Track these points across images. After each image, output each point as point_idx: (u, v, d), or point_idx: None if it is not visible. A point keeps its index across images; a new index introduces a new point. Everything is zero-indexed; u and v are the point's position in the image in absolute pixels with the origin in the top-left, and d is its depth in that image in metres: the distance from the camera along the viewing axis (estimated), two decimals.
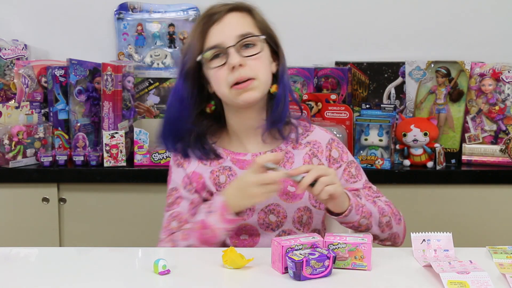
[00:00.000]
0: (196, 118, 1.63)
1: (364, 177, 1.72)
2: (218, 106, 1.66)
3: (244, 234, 1.61)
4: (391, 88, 2.67)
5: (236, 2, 1.61)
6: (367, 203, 1.57)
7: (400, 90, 2.65)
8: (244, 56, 1.56)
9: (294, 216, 1.62)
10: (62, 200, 2.43)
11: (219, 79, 1.57)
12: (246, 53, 1.56)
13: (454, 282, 1.27)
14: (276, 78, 1.64)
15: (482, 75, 2.52)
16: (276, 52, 1.64)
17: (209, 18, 1.57)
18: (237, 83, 1.56)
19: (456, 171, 2.47)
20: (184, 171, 1.65)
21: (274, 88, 1.63)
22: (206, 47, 1.57)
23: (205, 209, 1.55)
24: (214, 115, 1.67)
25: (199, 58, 1.57)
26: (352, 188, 1.67)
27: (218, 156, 1.64)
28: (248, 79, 1.56)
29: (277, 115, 1.62)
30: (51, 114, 2.54)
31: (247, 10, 1.61)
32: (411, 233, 1.48)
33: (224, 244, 1.61)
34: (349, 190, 1.62)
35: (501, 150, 2.46)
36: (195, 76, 1.60)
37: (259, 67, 1.58)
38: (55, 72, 2.51)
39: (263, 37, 1.59)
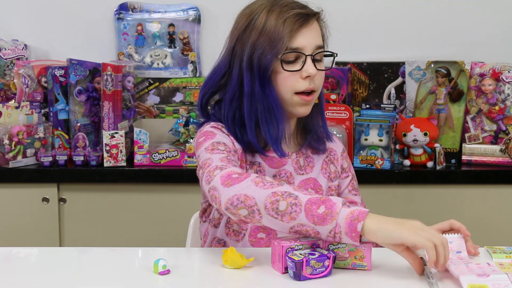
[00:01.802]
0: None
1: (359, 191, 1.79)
2: None
3: (262, 232, 1.60)
4: (391, 88, 2.67)
5: (319, 9, 1.60)
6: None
7: (400, 90, 2.65)
8: (317, 68, 1.55)
9: None
10: (62, 200, 2.43)
11: (289, 83, 1.54)
12: (318, 66, 1.55)
13: (474, 286, 1.25)
14: None
15: (482, 75, 2.52)
16: None
17: (302, 18, 1.53)
18: (303, 92, 1.55)
19: (456, 171, 2.47)
20: (231, 141, 1.55)
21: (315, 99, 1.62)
22: (289, 47, 1.52)
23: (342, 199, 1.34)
24: None
25: (280, 55, 1.51)
26: (352, 200, 1.72)
27: (264, 148, 1.59)
28: (313, 91, 1.56)
29: (316, 124, 1.65)
30: (51, 114, 2.54)
31: (322, 21, 1.61)
32: None
33: (224, 244, 1.62)
34: (348, 202, 1.63)
35: (501, 150, 2.46)
36: (267, 69, 1.53)
37: (321, 81, 1.58)
38: (55, 72, 2.51)
39: (336, 54, 1.60)
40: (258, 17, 1.53)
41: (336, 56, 1.60)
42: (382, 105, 2.49)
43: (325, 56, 1.60)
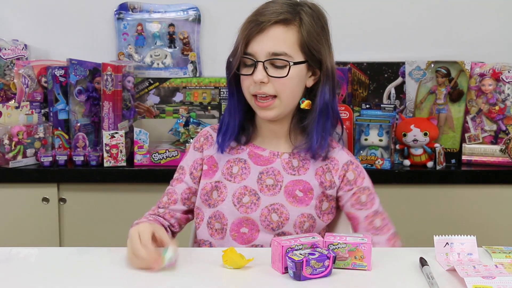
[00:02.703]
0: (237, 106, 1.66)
1: (374, 207, 1.68)
2: None
3: (244, 226, 1.62)
4: (391, 88, 2.67)
5: (289, 12, 1.57)
6: None
7: (400, 90, 2.65)
8: (270, 75, 1.56)
9: (296, 220, 1.61)
10: (62, 200, 2.43)
11: (244, 85, 1.60)
12: (272, 73, 1.56)
13: (479, 287, 1.25)
14: (309, 92, 1.63)
15: (482, 75, 2.52)
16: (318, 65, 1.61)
17: (257, 24, 1.55)
18: (256, 96, 1.58)
19: (456, 171, 2.47)
20: (201, 154, 1.70)
21: (305, 105, 1.61)
22: (245, 52, 1.57)
23: (136, 220, 1.66)
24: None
25: (231, 59, 1.60)
26: (353, 216, 1.67)
27: (248, 140, 1.67)
28: (268, 96, 1.57)
29: (309, 127, 1.62)
30: (51, 114, 2.54)
31: (298, 23, 1.57)
32: (434, 236, 1.46)
33: (210, 245, 1.64)
34: (350, 217, 1.66)
35: (501, 150, 2.46)
36: (230, 71, 1.63)
37: (283, 87, 1.57)
38: (55, 72, 2.51)
39: (292, 63, 1.56)
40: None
41: (292, 65, 1.55)
42: (382, 105, 2.49)
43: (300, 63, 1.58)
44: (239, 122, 1.65)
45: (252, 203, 1.62)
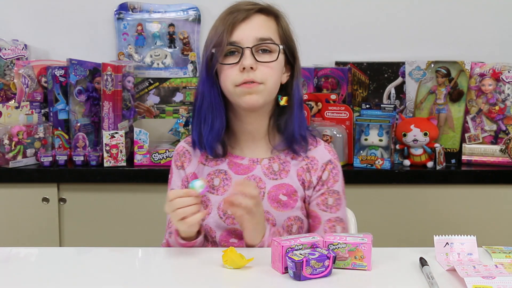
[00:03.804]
0: (214, 107, 1.62)
1: (339, 213, 1.65)
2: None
3: (233, 237, 1.61)
4: (391, 88, 2.67)
5: (266, 4, 1.61)
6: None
7: (400, 90, 2.65)
8: (258, 60, 1.56)
9: (284, 225, 1.60)
10: (62, 200, 2.43)
11: (228, 76, 1.57)
12: (260, 58, 1.56)
13: (479, 287, 1.25)
14: (285, 89, 1.64)
15: (482, 75, 2.52)
16: (291, 63, 1.64)
17: (238, 14, 1.57)
18: (244, 84, 1.56)
19: (456, 171, 2.47)
20: (184, 172, 1.68)
21: (284, 101, 1.63)
22: (227, 41, 1.56)
23: (168, 229, 1.62)
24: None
25: (213, 50, 1.57)
26: (316, 215, 1.64)
27: (225, 153, 1.65)
28: (254, 82, 1.56)
29: (287, 125, 1.62)
30: (51, 114, 2.54)
31: (275, 15, 1.61)
32: (434, 236, 1.46)
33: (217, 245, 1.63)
34: (311, 216, 1.64)
35: (501, 150, 2.46)
36: (212, 65, 1.60)
37: (270, 74, 1.57)
38: (55, 72, 2.51)
39: (282, 47, 1.59)
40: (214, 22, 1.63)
41: (281, 48, 1.59)
42: (382, 105, 2.49)
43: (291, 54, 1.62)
44: (225, 117, 1.62)
45: (196, 233, 1.57)
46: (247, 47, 1.55)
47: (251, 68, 1.54)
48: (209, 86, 1.60)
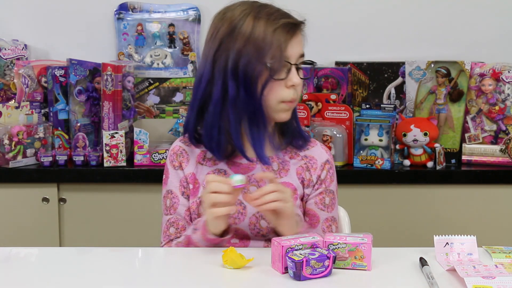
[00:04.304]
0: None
1: (333, 213, 1.67)
2: None
3: (235, 238, 1.60)
4: (391, 88, 2.67)
5: (302, 18, 1.59)
6: None
7: (400, 90, 2.65)
8: (300, 77, 1.55)
9: None
10: (62, 200, 2.43)
11: (274, 91, 1.53)
12: (300, 75, 1.55)
13: (479, 287, 1.24)
14: None
15: (482, 75, 2.52)
16: None
17: (290, 28, 1.53)
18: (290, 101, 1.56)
19: (456, 171, 2.47)
20: (182, 172, 1.65)
21: None
22: (278, 56, 1.51)
23: (192, 225, 1.58)
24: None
25: (268, 64, 1.51)
26: (314, 214, 1.64)
27: (231, 154, 1.62)
28: (295, 100, 1.57)
29: (291, 124, 1.64)
30: (51, 114, 2.54)
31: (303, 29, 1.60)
32: (434, 236, 1.46)
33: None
34: (309, 214, 1.64)
35: (501, 150, 2.46)
36: (254, 77, 1.52)
37: (301, 89, 1.59)
38: (55, 72, 2.51)
39: (315, 64, 1.61)
40: (243, 23, 1.52)
41: (315, 65, 1.61)
42: (382, 105, 2.49)
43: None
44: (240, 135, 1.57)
45: (239, 213, 1.59)
46: (295, 64, 1.54)
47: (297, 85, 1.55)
48: (247, 96, 1.52)
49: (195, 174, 1.64)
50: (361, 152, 2.45)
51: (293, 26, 1.54)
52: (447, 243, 1.45)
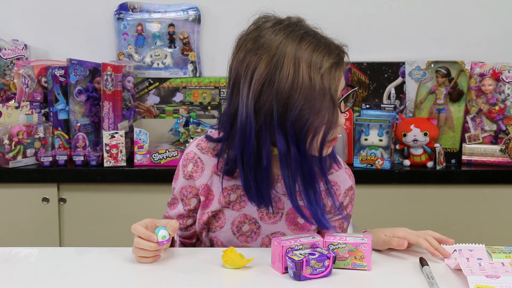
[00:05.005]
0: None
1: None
2: None
3: None
4: (391, 88, 2.67)
5: (343, 46, 1.49)
6: None
7: (400, 90, 2.65)
8: (346, 111, 1.45)
9: None
10: (62, 200, 2.43)
11: (318, 134, 1.40)
12: (345, 108, 1.44)
13: (481, 287, 1.24)
14: None
15: (482, 75, 2.52)
16: None
17: (337, 67, 1.41)
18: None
19: (456, 171, 2.47)
20: (192, 182, 1.55)
21: None
22: (332, 105, 1.38)
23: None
24: None
25: (323, 115, 1.37)
26: (328, 231, 1.57)
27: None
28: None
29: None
30: (51, 114, 2.54)
31: None
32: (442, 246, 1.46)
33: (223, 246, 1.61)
34: (322, 231, 1.58)
35: (501, 150, 2.46)
36: (308, 131, 1.39)
37: None
38: (55, 72, 2.51)
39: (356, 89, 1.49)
40: (284, 65, 1.36)
41: (357, 90, 1.48)
42: (382, 105, 2.49)
43: None
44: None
45: (252, 232, 1.55)
46: (340, 100, 1.42)
47: None
48: (299, 152, 1.39)
49: (210, 185, 1.54)
50: (361, 152, 2.45)
51: (338, 66, 1.41)
52: (455, 250, 1.44)
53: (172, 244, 1.53)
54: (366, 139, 2.44)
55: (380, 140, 2.43)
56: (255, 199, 1.48)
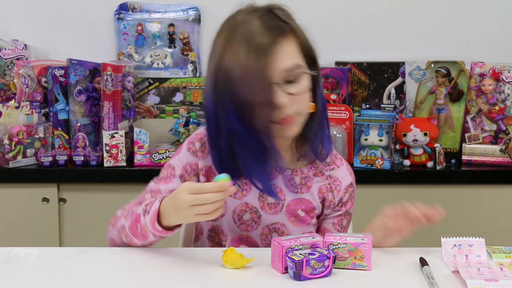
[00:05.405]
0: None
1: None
2: None
3: (244, 244, 1.58)
4: (391, 88, 2.67)
5: (281, 25, 1.44)
6: None
7: (400, 90, 2.65)
8: (289, 93, 1.42)
9: None
10: (62, 200, 2.43)
11: (260, 116, 1.41)
12: (291, 90, 1.42)
13: None
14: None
15: (482, 75, 2.52)
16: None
17: (262, 50, 1.39)
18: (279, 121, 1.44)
19: (456, 171, 2.47)
20: (196, 159, 1.56)
21: (312, 108, 1.50)
22: (258, 82, 1.38)
23: (143, 206, 1.47)
24: None
25: (249, 92, 1.39)
26: (328, 231, 1.60)
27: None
28: (291, 117, 1.44)
29: (314, 133, 1.52)
30: (51, 114, 2.54)
31: (291, 30, 1.46)
32: (441, 237, 1.45)
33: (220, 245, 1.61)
34: (322, 229, 1.60)
35: (501, 150, 2.46)
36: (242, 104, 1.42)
37: (304, 102, 1.46)
38: (55, 72, 2.51)
39: (309, 71, 1.46)
40: (233, 45, 1.42)
41: (309, 73, 1.46)
42: (382, 105, 2.49)
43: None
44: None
45: (253, 221, 1.56)
46: (276, 83, 1.40)
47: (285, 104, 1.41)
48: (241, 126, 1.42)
49: (213, 169, 1.53)
50: (361, 152, 2.45)
51: (264, 45, 1.40)
52: (454, 245, 1.44)
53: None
54: (366, 139, 2.44)
55: (380, 140, 2.43)
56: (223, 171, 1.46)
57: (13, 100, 2.55)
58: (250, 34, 1.42)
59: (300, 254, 1.32)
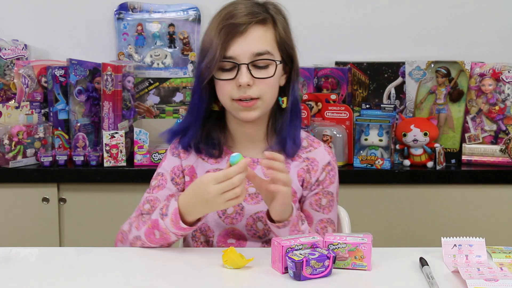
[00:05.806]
0: (205, 113, 1.61)
1: (331, 215, 1.64)
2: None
3: (231, 238, 1.60)
4: (391, 88, 2.67)
5: (262, 12, 1.55)
6: (306, 231, 1.54)
7: (400, 90, 2.65)
8: (255, 77, 1.52)
9: None
10: (62, 200, 2.43)
11: (224, 91, 1.54)
12: (257, 74, 1.53)
13: None
14: (283, 90, 1.61)
15: (482, 75, 2.52)
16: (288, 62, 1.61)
17: (234, 28, 1.51)
18: (240, 99, 1.54)
19: (456, 171, 2.47)
20: (180, 161, 1.65)
21: (286, 103, 1.61)
22: (223, 56, 1.52)
23: (159, 210, 1.52)
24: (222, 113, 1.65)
25: (208, 64, 1.52)
26: (308, 215, 1.63)
27: (220, 153, 1.62)
28: (252, 99, 1.53)
29: (282, 127, 1.61)
30: (51, 114, 2.54)
31: (273, 21, 1.56)
32: (441, 237, 1.45)
33: (212, 245, 1.62)
34: (304, 216, 1.60)
35: (501, 150, 2.46)
36: (209, 79, 1.56)
37: (266, 89, 1.55)
38: (55, 72, 2.51)
39: (278, 62, 1.55)
40: (208, 26, 1.57)
41: (278, 63, 1.56)
42: (382, 105, 2.49)
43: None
44: (201, 132, 1.62)
45: (236, 213, 1.59)
46: (244, 64, 1.51)
47: (248, 85, 1.52)
48: (200, 99, 1.58)
49: (195, 168, 1.64)
50: (361, 152, 2.45)
51: (239, 26, 1.51)
52: (454, 245, 1.44)
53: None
54: (366, 139, 2.44)
55: (380, 140, 2.43)
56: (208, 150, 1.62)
57: (13, 100, 2.55)
58: (230, 14, 1.54)
59: (300, 254, 1.33)
